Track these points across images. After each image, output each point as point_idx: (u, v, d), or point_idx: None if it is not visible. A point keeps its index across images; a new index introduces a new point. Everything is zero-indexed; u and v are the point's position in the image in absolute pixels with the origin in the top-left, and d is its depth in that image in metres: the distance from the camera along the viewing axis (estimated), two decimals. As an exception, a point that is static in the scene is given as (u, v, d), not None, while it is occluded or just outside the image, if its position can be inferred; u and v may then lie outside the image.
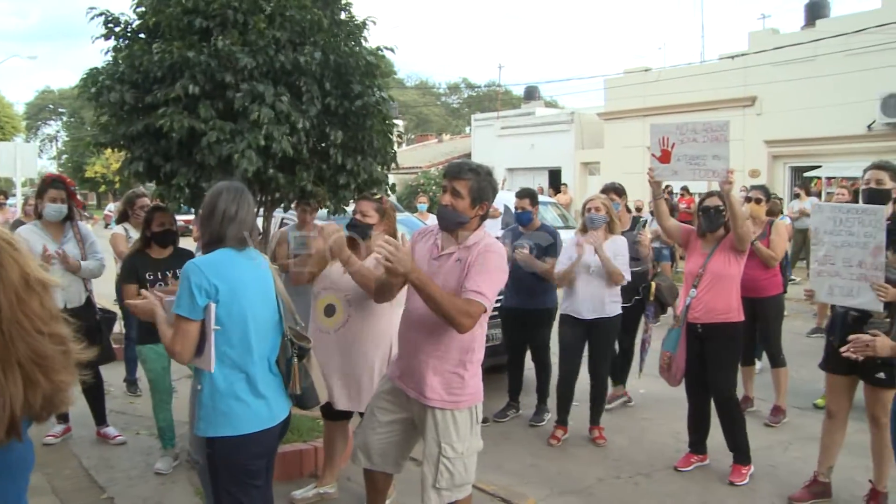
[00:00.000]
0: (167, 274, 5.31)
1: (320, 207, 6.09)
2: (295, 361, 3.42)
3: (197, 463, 3.43)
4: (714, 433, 5.88)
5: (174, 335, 3.16)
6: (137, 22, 5.22)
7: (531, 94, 37.21)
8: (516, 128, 30.05)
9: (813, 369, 6.60)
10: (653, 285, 6.95)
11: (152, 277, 5.31)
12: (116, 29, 5.21)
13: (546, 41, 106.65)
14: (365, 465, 3.98)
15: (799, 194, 16.33)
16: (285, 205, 6.04)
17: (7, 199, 13.47)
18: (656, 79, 23.65)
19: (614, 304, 6.30)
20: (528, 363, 7.16)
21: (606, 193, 7.15)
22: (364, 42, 5.56)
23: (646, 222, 7.94)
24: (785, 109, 19.83)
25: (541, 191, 22.97)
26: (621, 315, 6.43)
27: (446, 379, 3.69)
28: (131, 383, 7.56)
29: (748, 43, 21.46)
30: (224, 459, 3.21)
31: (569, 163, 27.36)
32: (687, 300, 5.66)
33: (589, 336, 6.34)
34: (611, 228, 6.32)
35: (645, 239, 7.11)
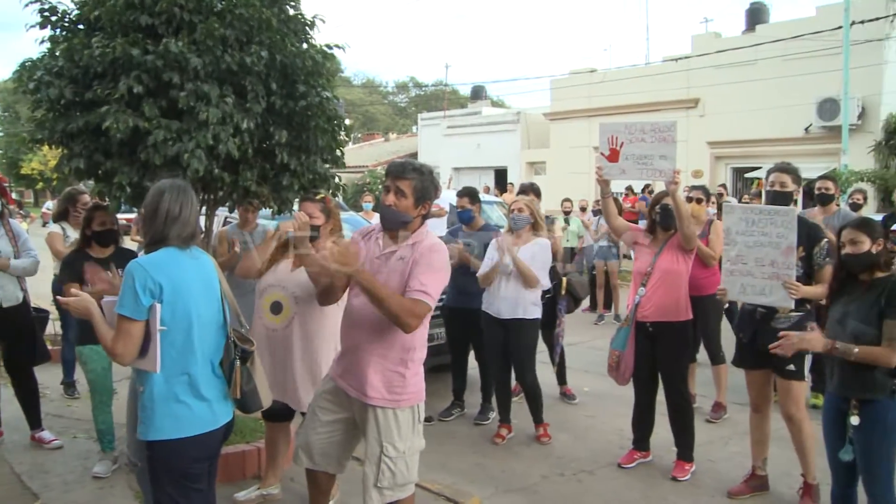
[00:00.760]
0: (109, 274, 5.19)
1: (263, 207, 6.01)
2: (237, 364, 3.38)
3: (136, 465, 3.37)
4: (657, 430, 5.98)
5: (116, 336, 3.10)
6: (76, 12, 5.08)
7: (478, 94, 37.33)
8: (463, 127, 30.11)
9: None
10: (564, 280, 7.06)
11: None
12: (53, 18, 5.07)
13: (493, 41, 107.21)
14: (307, 466, 3.95)
15: (744, 196, 16.62)
16: (230, 204, 5.95)
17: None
18: (602, 80, 23.89)
19: (532, 307, 6.32)
20: (474, 362, 7.17)
21: (525, 194, 7.23)
22: (311, 41, 5.51)
23: (553, 220, 8.06)
24: (727, 111, 20.20)
25: (486, 190, 23.01)
26: (540, 318, 6.47)
27: (388, 378, 3.68)
28: (69, 385, 7.38)
29: (691, 46, 21.82)
30: (165, 462, 3.17)
31: (515, 162, 27.50)
32: (636, 299, 5.72)
33: (507, 336, 6.35)
34: (535, 229, 6.36)
35: (556, 237, 7.25)
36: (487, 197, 18.04)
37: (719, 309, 7.36)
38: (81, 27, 5.09)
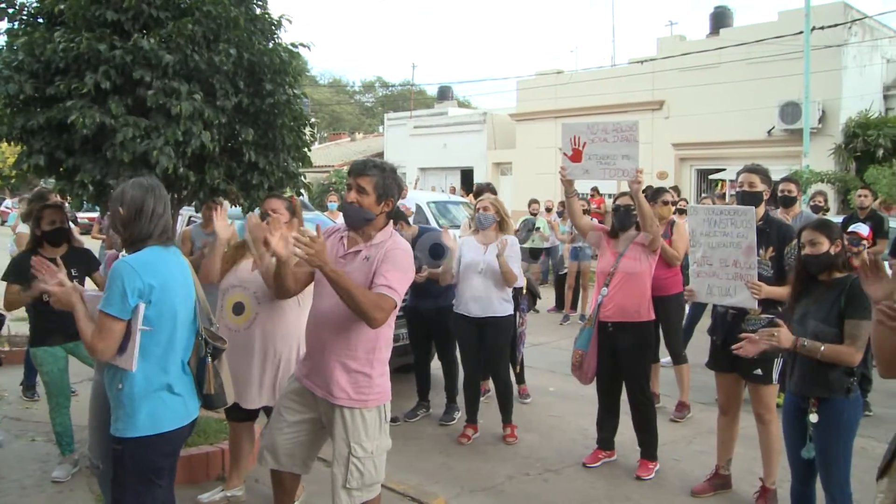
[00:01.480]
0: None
1: (232, 206, 5.96)
2: (209, 361, 3.38)
3: (97, 468, 3.34)
4: (622, 429, 6.01)
5: (98, 332, 3.09)
6: (35, 5, 5.00)
7: (444, 94, 37.39)
8: (429, 127, 30.10)
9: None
10: (525, 279, 7.11)
11: None
12: (10, 11, 4.98)
13: (460, 41, 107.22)
14: (272, 466, 3.93)
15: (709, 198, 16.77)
16: (197, 203, 5.90)
17: None
18: (568, 81, 23.99)
19: (505, 304, 6.34)
20: (437, 362, 7.18)
21: (481, 194, 7.26)
22: (278, 39, 5.49)
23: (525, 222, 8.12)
24: (691, 114, 20.39)
25: (452, 191, 23.07)
26: (513, 314, 6.49)
27: (353, 378, 3.67)
28: (28, 388, 7.23)
29: (657, 49, 21.98)
30: (138, 458, 3.18)
31: (481, 163, 27.54)
32: (598, 299, 5.75)
33: (481, 335, 6.36)
34: (501, 228, 6.37)
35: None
36: (453, 197, 18.12)
37: (682, 309, 7.45)
38: (41, 21, 5.01)
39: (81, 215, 19.79)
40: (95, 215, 11.84)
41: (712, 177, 20.52)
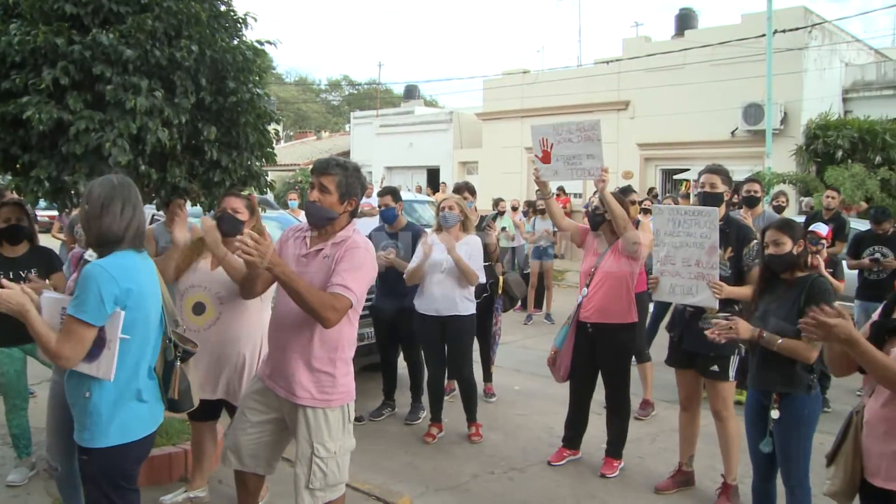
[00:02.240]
0: (21, 274, 4.99)
1: (193, 204, 5.89)
2: (177, 365, 3.34)
3: (56, 470, 3.27)
4: (587, 428, 6.01)
5: (65, 339, 2.97)
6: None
7: (411, 93, 37.35)
8: (395, 126, 30.03)
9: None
10: (501, 279, 7.12)
11: (8, 278, 4.98)
12: None
13: (427, 40, 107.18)
14: (235, 467, 3.90)
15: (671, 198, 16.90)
16: (158, 202, 5.82)
17: None
18: (534, 81, 24.04)
19: (468, 303, 6.35)
20: (403, 362, 7.16)
21: (459, 192, 7.27)
22: (242, 37, 5.43)
23: (495, 216, 8.13)
24: (656, 114, 20.52)
25: (419, 190, 23.04)
26: (475, 314, 6.49)
27: (316, 377, 3.66)
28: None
29: (622, 49, 22.08)
30: (108, 467, 3.13)
31: (447, 162, 27.53)
32: (579, 299, 5.77)
33: (444, 334, 6.35)
34: (465, 227, 6.37)
35: (492, 236, 7.30)
36: (420, 196, 18.09)
37: (645, 308, 7.49)
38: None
39: (41, 213, 19.41)
40: (55, 213, 11.65)
41: (677, 177, 20.69)
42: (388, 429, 6.73)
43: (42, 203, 5.29)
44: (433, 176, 27.87)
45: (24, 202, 5.15)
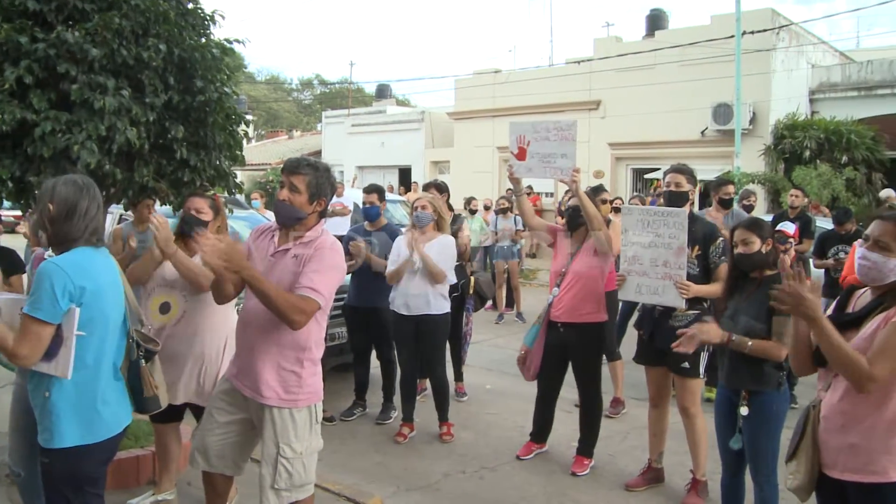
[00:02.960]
0: None
1: (162, 204, 5.84)
2: (142, 364, 3.30)
3: (18, 475, 3.21)
4: (557, 426, 6.07)
5: (23, 338, 2.93)
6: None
7: (383, 93, 37.23)
8: (367, 125, 29.96)
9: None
10: (472, 280, 7.14)
11: None
12: None
13: (398, 40, 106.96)
14: (203, 468, 3.87)
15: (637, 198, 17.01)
16: (126, 202, 5.76)
17: None
18: (506, 80, 24.06)
19: (441, 302, 6.35)
20: (375, 361, 7.13)
21: (428, 190, 7.27)
22: (210, 35, 5.38)
23: (464, 219, 8.16)
24: (627, 114, 20.62)
25: (391, 189, 22.99)
26: (450, 313, 6.49)
27: (283, 377, 3.64)
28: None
29: (593, 49, 22.16)
30: (69, 470, 3.07)
31: (419, 161, 27.51)
32: (549, 298, 5.79)
33: (418, 333, 6.35)
34: (438, 226, 6.37)
35: (464, 236, 7.31)
36: (391, 196, 18.05)
37: (615, 306, 7.53)
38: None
39: (6, 213, 19.15)
40: (20, 213, 11.49)
41: (648, 176, 20.81)
42: (360, 429, 6.71)
43: (7, 203, 5.21)
44: (405, 175, 27.84)
45: None
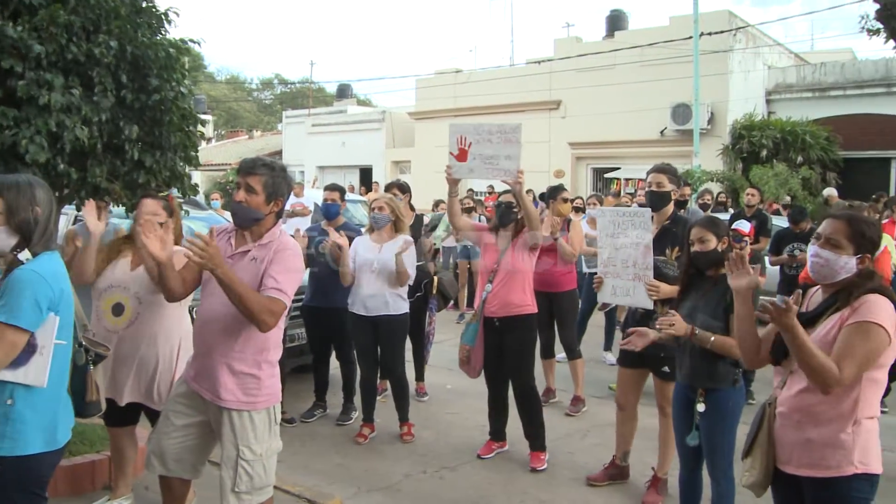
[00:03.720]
0: None
1: (116, 205, 5.74)
2: (90, 369, 3.25)
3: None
4: (515, 423, 6.07)
5: None
6: None
7: (344, 92, 37.12)
8: (328, 125, 29.85)
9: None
10: (435, 280, 7.15)
11: None
12: None
13: (359, 39, 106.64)
14: (160, 472, 3.82)
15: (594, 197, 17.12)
16: (78, 202, 5.65)
17: None
18: (466, 80, 24.14)
19: (400, 302, 6.34)
20: (336, 362, 7.11)
21: (390, 190, 7.27)
22: (166, 33, 5.30)
23: (435, 217, 8.17)
24: (587, 114, 20.80)
25: (351, 189, 22.87)
26: (408, 313, 6.49)
27: (242, 380, 3.62)
28: None
29: (554, 49, 22.31)
30: (25, 476, 3.02)
31: (380, 161, 27.47)
32: (483, 295, 5.81)
33: (376, 334, 6.34)
34: (396, 227, 6.36)
35: (428, 240, 7.36)
36: (352, 196, 17.97)
37: (575, 305, 7.60)
38: None
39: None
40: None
41: (608, 175, 20.99)
42: (320, 430, 6.67)
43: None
44: (366, 175, 27.76)
45: None
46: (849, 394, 2.96)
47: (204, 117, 5.85)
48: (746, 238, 7.14)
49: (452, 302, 11.46)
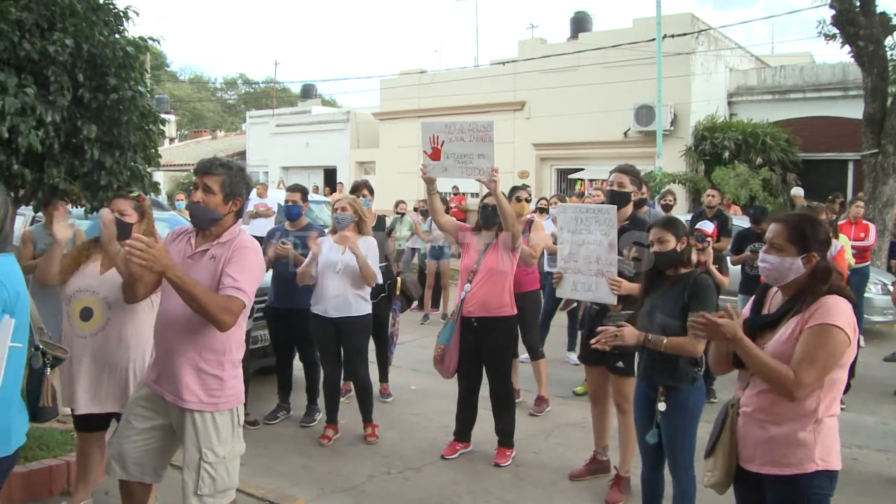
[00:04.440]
0: None
1: (74, 206, 5.65)
2: (47, 373, 3.19)
3: None
4: (481, 425, 6.12)
5: None
6: None
7: (308, 93, 36.96)
8: (292, 126, 29.66)
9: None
10: (399, 280, 7.14)
11: None
12: None
13: (324, 39, 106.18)
14: (120, 477, 3.76)
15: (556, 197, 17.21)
16: (35, 203, 5.56)
17: None
18: (431, 81, 24.15)
19: (363, 303, 6.32)
20: (299, 363, 7.07)
21: (357, 190, 7.25)
22: (124, 32, 5.23)
23: (396, 220, 8.16)
24: (551, 115, 20.88)
25: (315, 190, 22.80)
26: (371, 314, 6.47)
27: (204, 380, 3.57)
28: None
29: (518, 51, 22.38)
30: None
31: (344, 162, 27.37)
32: (462, 295, 5.83)
33: (339, 335, 6.31)
34: (360, 228, 6.34)
35: (392, 239, 7.34)
36: (316, 196, 17.89)
37: (538, 306, 7.64)
38: None
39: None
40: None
41: (572, 176, 21.09)
42: (284, 432, 6.63)
43: None
44: (330, 176, 27.66)
45: None
46: (810, 393, 3.00)
47: (166, 117, 5.79)
48: (709, 238, 7.22)
49: (417, 303, 11.49)
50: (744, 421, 3.19)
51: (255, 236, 5.07)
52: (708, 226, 7.50)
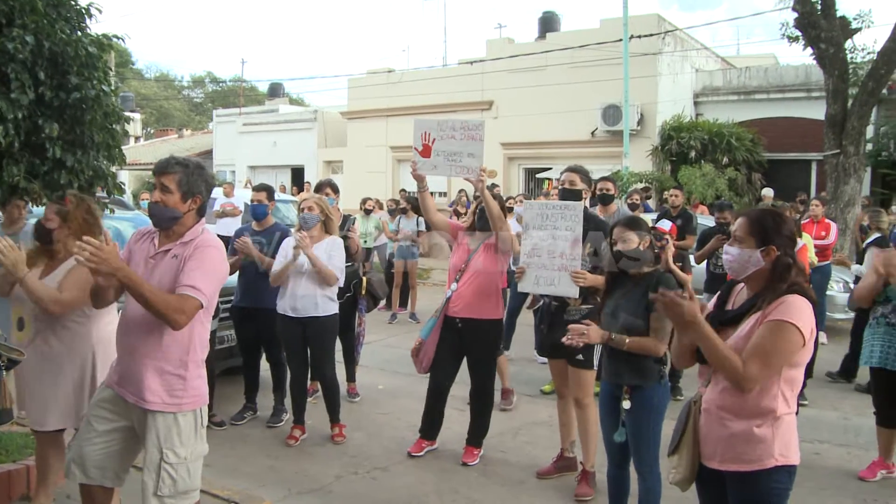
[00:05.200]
0: None
1: (34, 205, 5.57)
2: (3, 375, 3.13)
3: None
4: (450, 425, 6.13)
5: None
6: None
7: (275, 91, 36.70)
8: (259, 125, 29.47)
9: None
10: (364, 280, 7.13)
11: None
12: None
13: (291, 38, 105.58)
14: (81, 480, 3.70)
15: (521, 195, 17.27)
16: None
17: None
18: (399, 80, 24.10)
19: (329, 303, 6.29)
20: (266, 363, 7.04)
21: (321, 189, 7.23)
22: (87, 29, 5.17)
23: (354, 220, 8.13)
24: (519, 114, 20.92)
25: (283, 189, 22.69)
26: (338, 314, 6.45)
27: (167, 381, 3.54)
28: None
29: (486, 50, 22.41)
30: None
31: (312, 161, 27.25)
32: (448, 293, 5.84)
33: (306, 335, 6.29)
34: (326, 228, 6.32)
35: (354, 236, 7.33)
36: (283, 196, 17.80)
37: (504, 303, 7.64)
38: None
39: None
40: None
41: (539, 175, 21.16)
42: (250, 433, 6.59)
43: None
44: (298, 175, 27.52)
45: None
46: (769, 391, 3.05)
47: (132, 115, 5.74)
48: (667, 236, 7.28)
49: (384, 302, 11.48)
50: (705, 418, 3.22)
51: (222, 236, 5.04)
52: (666, 224, 7.59)
